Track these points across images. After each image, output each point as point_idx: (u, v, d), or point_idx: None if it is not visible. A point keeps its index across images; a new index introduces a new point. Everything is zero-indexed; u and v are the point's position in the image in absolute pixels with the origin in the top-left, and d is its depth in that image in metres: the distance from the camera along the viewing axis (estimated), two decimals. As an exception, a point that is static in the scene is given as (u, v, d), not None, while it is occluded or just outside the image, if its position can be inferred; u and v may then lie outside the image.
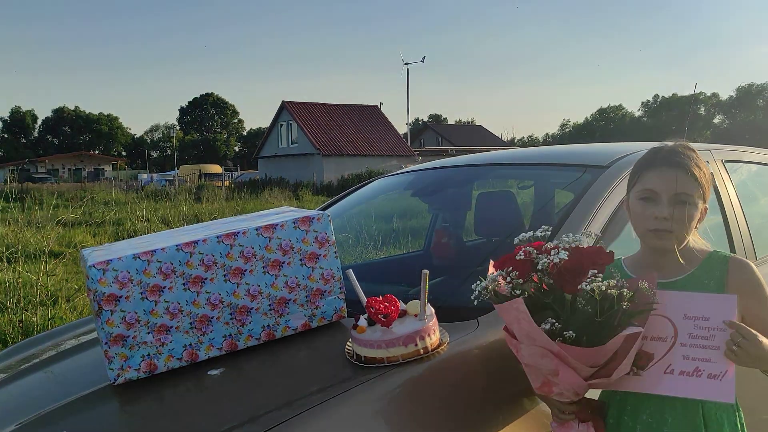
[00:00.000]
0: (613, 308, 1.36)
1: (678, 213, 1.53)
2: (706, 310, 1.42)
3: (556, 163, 2.79)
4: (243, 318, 1.78)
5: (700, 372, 1.39)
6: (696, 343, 1.41)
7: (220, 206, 16.79)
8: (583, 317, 1.38)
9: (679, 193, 1.53)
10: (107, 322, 1.63)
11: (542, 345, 1.38)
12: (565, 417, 1.52)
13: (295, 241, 1.83)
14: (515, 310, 1.38)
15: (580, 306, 1.39)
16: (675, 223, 1.53)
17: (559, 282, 1.40)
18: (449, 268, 2.86)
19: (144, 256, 1.67)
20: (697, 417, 1.50)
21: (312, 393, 1.49)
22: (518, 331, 1.42)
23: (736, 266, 1.57)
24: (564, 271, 1.39)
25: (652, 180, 1.56)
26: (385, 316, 1.62)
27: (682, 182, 1.53)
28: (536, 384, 1.49)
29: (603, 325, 1.37)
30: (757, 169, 3.14)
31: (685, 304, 1.44)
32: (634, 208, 1.61)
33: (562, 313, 1.40)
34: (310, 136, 37.17)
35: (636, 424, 1.55)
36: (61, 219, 7.68)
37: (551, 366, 1.40)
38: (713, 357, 1.38)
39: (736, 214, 2.57)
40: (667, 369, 1.42)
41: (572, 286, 1.38)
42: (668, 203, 1.53)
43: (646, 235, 1.58)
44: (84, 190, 25.31)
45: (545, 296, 1.42)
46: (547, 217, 2.75)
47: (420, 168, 3.25)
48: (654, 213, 1.54)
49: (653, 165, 1.58)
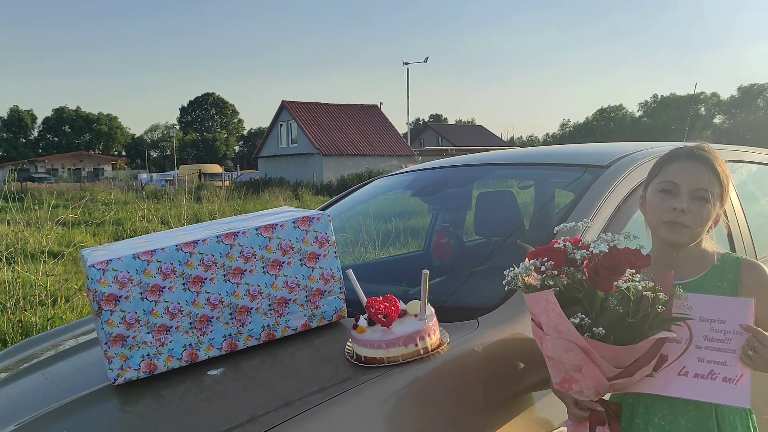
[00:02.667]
0: (647, 311, 1.35)
1: (696, 207, 1.53)
2: (722, 312, 1.40)
3: (556, 163, 2.79)
4: (243, 318, 1.77)
5: (714, 375, 1.37)
6: (711, 345, 1.39)
7: (220, 206, 16.78)
8: (612, 317, 1.36)
9: (700, 188, 1.53)
10: (107, 322, 1.63)
11: (570, 339, 1.36)
12: (581, 415, 1.50)
13: (294, 241, 1.83)
14: (545, 301, 1.37)
15: (612, 306, 1.36)
16: (692, 217, 1.53)
17: (593, 278, 1.37)
18: (449, 268, 2.86)
19: (144, 256, 1.67)
20: (710, 420, 1.49)
21: (312, 393, 1.49)
22: (546, 323, 1.41)
23: (749, 268, 1.56)
24: (600, 267, 1.36)
25: (675, 172, 1.56)
26: (385, 316, 1.62)
27: (704, 177, 1.53)
28: (557, 379, 1.48)
29: (633, 326, 1.36)
30: (757, 169, 3.14)
31: (700, 306, 1.42)
32: (652, 200, 1.60)
33: (591, 310, 1.38)
34: (310, 136, 37.17)
35: (648, 426, 1.54)
36: (61, 219, 7.67)
37: (575, 361, 1.38)
38: (729, 360, 1.37)
39: (736, 213, 2.57)
40: (681, 371, 1.40)
41: (607, 284, 1.36)
42: (688, 197, 1.53)
43: (660, 227, 1.57)
44: (83, 189, 25.32)
45: (577, 291, 1.40)
46: (548, 217, 2.75)
47: (420, 168, 3.25)
48: (673, 204, 1.54)
49: (677, 158, 1.58)
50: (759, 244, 2.61)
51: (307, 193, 27.13)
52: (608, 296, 1.37)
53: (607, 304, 1.37)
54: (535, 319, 1.48)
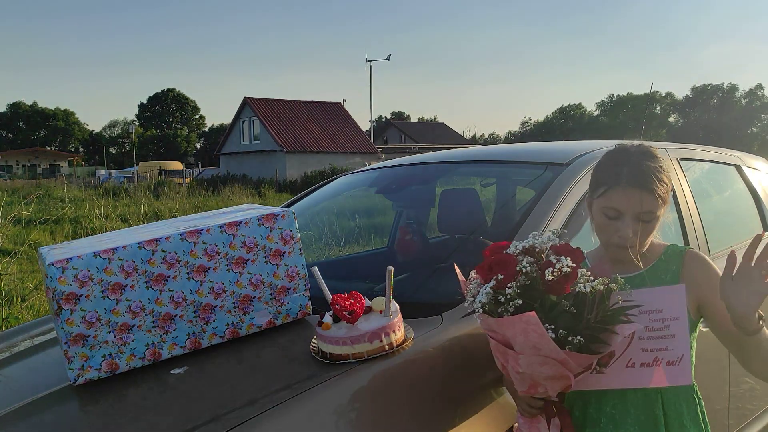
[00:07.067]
0: (602, 305, 1.37)
1: (641, 228, 1.56)
2: (658, 303, 1.47)
3: (517, 160, 2.83)
4: (207, 316, 1.76)
5: (659, 361, 1.44)
6: (652, 335, 1.46)
7: (181, 203, 16.53)
8: (569, 318, 1.36)
9: (644, 212, 1.55)
10: (67, 321, 1.60)
11: (548, 354, 1.35)
12: (534, 411, 1.53)
13: (259, 238, 1.82)
14: (524, 323, 1.33)
15: (567, 308, 1.37)
16: (636, 238, 1.56)
17: (550, 286, 1.36)
18: (413, 264, 2.88)
19: (105, 254, 1.64)
20: (656, 407, 1.56)
21: (277, 390, 1.49)
22: (522, 343, 1.36)
23: (691, 258, 1.63)
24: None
25: (617, 200, 1.56)
26: (351, 313, 1.62)
27: (646, 203, 1.54)
28: (523, 388, 1.46)
29: (589, 323, 1.37)
30: (710, 167, 3.24)
31: (639, 300, 1.47)
32: (598, 218, 1.62)
33: (549, 316, 1.37)
34: (273, 133, 36.84)
35: (601, 416, 1.59)
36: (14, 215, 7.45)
37: (550, 372, 1.37)
38: (669, 345, 1.44)
39: (690, 210, 2.65)
40: (628, 363, 1.46)
41: (562, 289, 1.36)
42: (631, 221, 1.55)
43: (608, 246, 1.62)
44: (39, 186, 24.64)
45: (533, 301, 1.38)
46: (510, 214, 2.79)
47: (384, 165, 3.26)
48: (618, 231, 1.56)
49: (618, 183, 1.56)
50: (712, 241, 2.70)
51: (270, 190, 26.90)
52: (561, 299, 1.38)
53: (561, 307, 1.38)
54: (497, 338, 1.44)
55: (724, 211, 3.30)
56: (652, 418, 1.56)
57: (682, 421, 1.56)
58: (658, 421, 1.55)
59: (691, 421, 1.57)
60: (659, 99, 79.27)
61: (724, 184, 3.40)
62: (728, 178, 3.39)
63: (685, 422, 1.56)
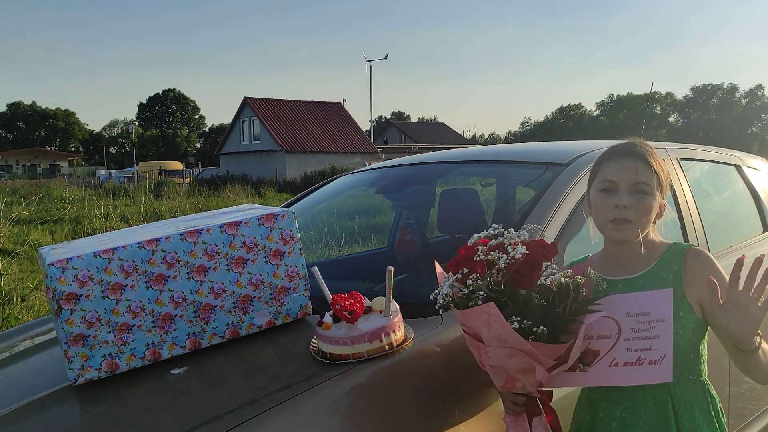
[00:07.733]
0: (572, 297, 1.39)
1: (637, 201, 1.56)
2: (646, 306, 1.49)
3: (517, 160, 2.83)
4: (207, 316, 1.76)
5: (642, 360, 1.46)
6: (638, 336, 1.48)
7: (181, 203, 16.53)
8: (539, 310, 1.39)
9: (638, 182, 1.56)
10: (67, 321, 1.60)
11: (513, 345, 1.37)
12: (518, 409, 1.53)
13: (259, 238, 1.82)
14: (485, 314, 1.36)
15: (536, 301, 1.40)
16: (634, 212, 1.56)
17: (515, 279, 1.39)
18: (413, 264, 2.88)
19: (105, 254, 1.64)
20: (667, 409, 1.55)
21: (277, 390, 1.49)
22: (487, 335, 1.40)
23: (693, 256, 1.62)
24: (520, 267, 1.38)
25: (612, 170, 1.59)
26: (351, 313, 1.62)
27: (640, 171, 1.56)
28: (500, 383, 1.49)
29: (559, 315, 1.39)
30: (710, 167, 3.24)
31: (628, 304, 1.51)
32: (595, 200, 1.63)
33: (518, 309, 1.40)
34: (273, 133, 36.83)
35: (611, 420, 1.59)
36: (15, 215, 7.45)
37: (520, 365, 1.40)
38: (653, 345, 1.46)
39: (690, 210, 2.65)
40: (612, 362, 1.48)
41: (529, 282, 1.38)
42: (628, 192, 1.56)
43: (607, 226, 1.60)
44: (39, 186, 24.65)
45: (502, 294, 1.41)
46: (510, 214, 2.79)
47: (384, 165, 3.26)
48: (614, 202, 1.57)
49: (611, 157, 1.62)
50: (712, 240, 2.70)
51: (270, 190, 26.90)
52: (530, 293, 1.40)
53: (530, 301, 1.40)
54: (469, 332, 1.47)
55: (724, 211, 3.30)
56: (663, 420, 1.55)
57: (694, 421, 1.55)
58: (669, 422, 1.54)
59: (704, 421, 1.56)
60: (659, 99, 79.27)
61: (724, 184, 3.40)
62: (728, 178, 3.39)
63: (698, 422, 1.55)
